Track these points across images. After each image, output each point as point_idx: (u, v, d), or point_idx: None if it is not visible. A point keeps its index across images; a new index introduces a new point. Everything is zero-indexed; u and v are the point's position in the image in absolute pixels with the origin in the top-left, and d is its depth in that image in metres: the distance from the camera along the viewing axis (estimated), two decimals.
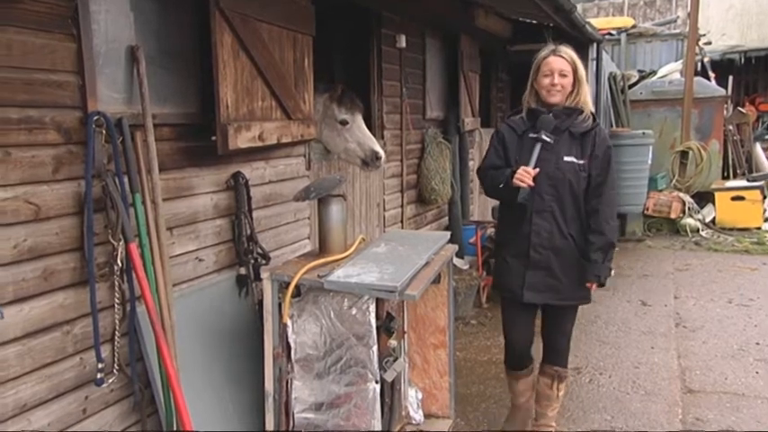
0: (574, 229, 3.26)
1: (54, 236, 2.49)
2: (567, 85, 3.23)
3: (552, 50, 3.25)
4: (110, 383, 2.69)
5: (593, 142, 3.21)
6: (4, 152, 2.28)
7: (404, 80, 5.77)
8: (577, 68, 3.23)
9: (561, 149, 3.21)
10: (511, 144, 3.33)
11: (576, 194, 3.23)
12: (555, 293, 3.34)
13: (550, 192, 3.21)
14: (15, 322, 2.33)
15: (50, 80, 2.45)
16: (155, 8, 3.08)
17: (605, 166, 3.25)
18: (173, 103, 3.19)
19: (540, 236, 3.25)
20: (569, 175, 3.20)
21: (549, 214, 3.23)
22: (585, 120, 3.23)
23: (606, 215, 3.23)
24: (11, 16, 2.25)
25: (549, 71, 3.22)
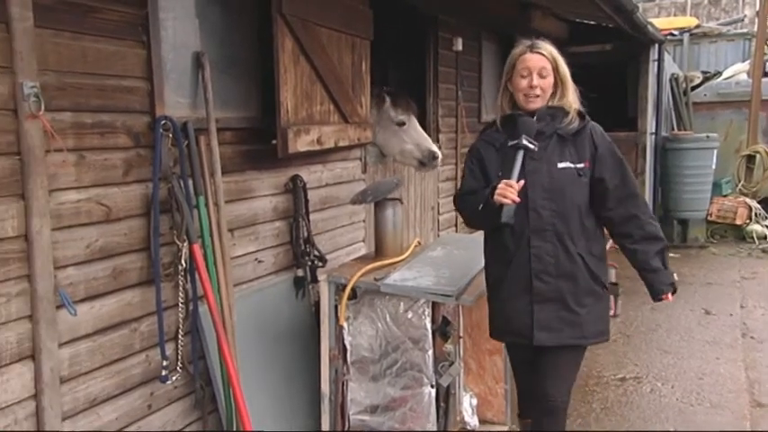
0: (582, 247, 2.63)
1: (123, 236, 2.58)
2: (547, 87, 2.63)
3: (528, 46, 2.66)
4: (173, 381, 2.77)
5: (590, 141, 2.64)
6: (78, 155, 2.37)
7: (459, 83, 5.75)
8: (558, 66, 2.64)
9: (553, 156, 2.61)
10: (490, 161, 2.70)
11: (580, 205, 2.62)
12: (574, 330, 2.63)
13: (549, 206, 2.59)
14: (87, 319, 2.42)
15: (121, 86, 2.54)
16: (219, 14, 3.16)
17: (617, 166, 2.67)
18: (235, 107, 3.26)
19: (544, 260, 2.59)
20: (568, 184, 2.60)
21: (551, 233, 2.59)
22: (573, 120, 2.66)
23: (647, 216, 2.71)
24: (86, 25, 2.34)
25: (526, 70, 2.61)
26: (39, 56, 2.17)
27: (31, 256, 2.19)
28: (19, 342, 2.17)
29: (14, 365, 2.16)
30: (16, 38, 2.08)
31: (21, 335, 2.18)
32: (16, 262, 2.16)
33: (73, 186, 2.36)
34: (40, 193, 2.20)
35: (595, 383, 4.53)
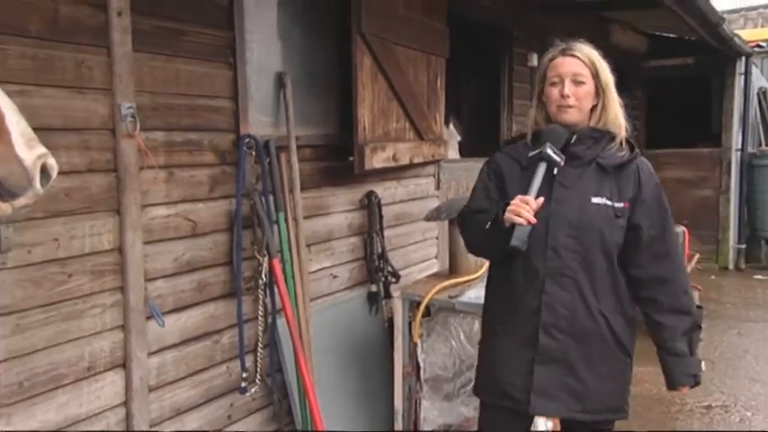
0: (608, 305, 2.12)
1: (208, 250, 2.67)
2: (584, 97, 2.13)
3: (562, 49, 2.19)
4: (252, 392, 2.83)
5: (635, 179, 2.14)
6: (168, 172, 2.48)
7: None
8: (599, 72, 2.14)
9: (588, 187, 2.11)
10: (511, 181, 2.20)
11: (610, 253, 2.11)
12: (577, 402, 2.13)
13: (573, 247, 2.08)
14: (173, 330, 2.52)
15: (209, 105, 2.64)
16: (301, 34, 3.24)
17: (660, 215, 2.16)
18: (314, 124, 3.33)
19: (557, 312, 2.09)
20: (600, 222, 2.09)
21: (571, 281, 2.08)
22: (620, 148, 2.16)
23: (683, 284, 2.18)
24: (179, 48, 2.46)
25: (558, 77, 2.13)
26: (136, 78, 2.28)
27: (125, 269, 2.30)
28: (112, 351, 2.28)
29: (108, 373, 2.26)
30: (116, 61, 2.20)
31: (114, 344, 2.28)
32: (111, 274, 2.27)
33: (163, 202, 2.47)
34: (133, 208, 2.31)
35: (678, 411, 4.33)
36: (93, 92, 2.16)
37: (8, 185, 1.34)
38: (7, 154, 1.33)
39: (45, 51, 2.00)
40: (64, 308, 2.11)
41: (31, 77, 1.97)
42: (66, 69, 2.07)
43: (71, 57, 2.08)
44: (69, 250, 2.12)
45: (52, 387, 2.07)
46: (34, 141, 1.38)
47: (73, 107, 2.10)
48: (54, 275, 2.08)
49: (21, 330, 1.98)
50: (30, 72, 1.96)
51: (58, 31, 2.04)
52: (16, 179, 1.34)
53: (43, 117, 2.01)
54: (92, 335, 2.21)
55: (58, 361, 2.09)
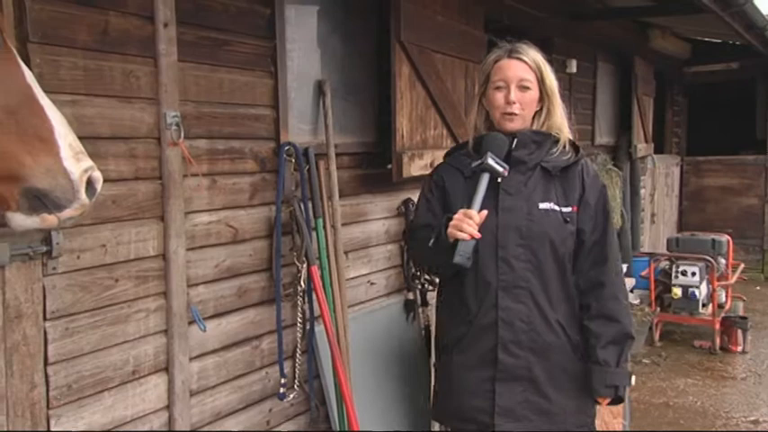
0: (563, 313, 2.03)
1: (248, 257, 2.70)
2: (528, 104, 2.02)
3: (508, 50, 2.06)
4: (290, 398, 2.85)
5: (580, 182, 2.05)
6: (210, 180, 2.52)
7: (573, 106, 5.62)
8: (545, 77, 2.05)
9: (535, 193, 2.01)
10: (455, 192, 2.10)
11: (562, 260, 2.02)
12: (545, 420, 2.04)
13: (524, 257, 1.98)
14: (214, 335, 2.55)
15: (250, 114, 2.68)
16: (340, 43, 3.27)
17: (601, 218, 2.06)
18: (352, 132, 3.35)
19: (515, 327, 1.98)
20: (550, 229, 1.99)
21: (526, 292, 1.99)
22: (564, 151, 2.07)
23: (615, 290, 2.06)
24: (223, 58, 2.50)
25: (503, 81, 2.02)
26: (180, 87, 2.33)
27: (168, 275, 2.34)
28: (155, 355, 2.32)
29: (151, 377, 2.30)
30: (162, 71, 2.25)
31: (157, 348, 2.32)
32: (155, 279, 2.31)
33: (205, 209, 2.51)
34: (177, 215, 2.35)
35: (723, 425, 4.21)
36: (140, 101, 2.21)
37: (54, 197, 1.38)
38: (55, 166, 1.37)
39: (95, 62, 2.06)
40: (110, 312, 2.16)
41: (82, 87, 2.02)
42: (115, 79, 2.12)
43: (119, 67, 2.13)
44: (116, 256, 2.17)
45: (99, 390, 2.12)
46: (82, 155, 1.41)
47: (121, 116, 2.15)
48: (101, 280, 2.13)
49: (70, 334, 2.02)
50: (81, 82, 2.02)
51: (108, 42, 2.09)
52: (62, 191, 1.38)
53: (93, 126, 2.06)
54: (136, 339, 2.25)
55: (104, 364, 2.14)
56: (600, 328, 2.02)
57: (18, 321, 1.87)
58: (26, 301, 1.90)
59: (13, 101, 1.35)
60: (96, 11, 2.05)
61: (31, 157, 1.34)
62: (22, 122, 1.35)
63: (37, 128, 1.36)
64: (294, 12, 2.92)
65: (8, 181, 1.35)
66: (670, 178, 8.53)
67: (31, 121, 1.36)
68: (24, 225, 1.40)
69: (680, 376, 5.12)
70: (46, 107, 1.39)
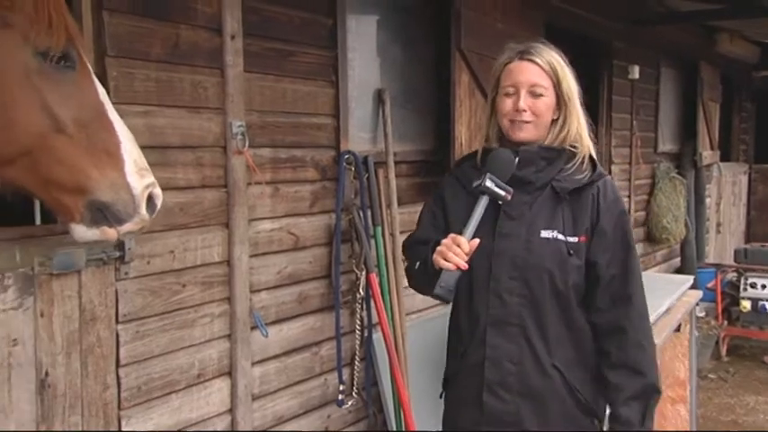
0: (562, 357, 1.76)
1: (308, 264, 2.74)
2: (543, 111, 1.76)
3: (519, 51, 1.80)
4: (349, 405, 2.86)
5: (594, 207, 1.76)
6: (273, 188, 2.56)
7: (635, 112, 5.49)
8: (561, 81, 1.78)
9: (537, 218, 1.75)
10: (455, 207, 1.85)
11: (564, 296, 1.75)
12: None
13: (518, 291, 1.74)
14: (275, 341, 2.59)
15: (312, 123, 2.71)
16: (400, 51, 3.29)
17: (620, 250, 1.78)
18: (411, 140, 3.36)
19: (502, 368, 1.75)
20: (548, 261, 1.73)
21: (518, 330, 1.74)
22: (580, 168, 1.77)
23: (640, 336, 1.76)
24: (286, 68, 2.55)
25: (513, 87, 1.77)
26: (246, 98, 2.38)
27: (232, 281, 2.39)
28: (219, 359, 2.37)
29: (215, 381, 2.35)
30: (228, 82, 2.31)
31: (221, 353, 2.37)
32: (219, 285, 2.36)
33: (268, 216, 2.55)
34: (241, 222, 2.40)
35: None
36: (208, 111, 2.27)
37: (115, 210, 1.42)
38: (119, 180, 1.41)
39: (166, 74, 2.13)
40: (178, 317, 2.22)
41: (154, 98, 2.09)
42: (185, 90, 2.19)
43: (189, 78, 2.20)
44: (183, 262, 2.23)
45: (167, 392, 2.18)
46: (145, 171, 1.46)
47: (190, 126, 2.21)
48: (170, 285, 2.19)
49: (140, 337, 2.09)
50: (153, 93, 2.09)
51: (178, 54, 2.16)
52: (124, 205, 1.42)
53: (164, 135, 2.13)
54: (201, 343, 2.30)
55: (171, 367, 2.19)
56: (621, 381, 1.74)
57: (93, 324, 1.95)
58: (100, 305, 1.97)
59: (85, 115, 1.41)
60: (168, 24, 2.12)
61: (98, 171, 1.40)
62: (92, 136, 1.40)
63: (105, 142, 1.41)
64: (355, 21, 2.96)
65: (75, 192, 1.40)
66: (737, 187, 8.22)
67: (101, 136, 1.41)
68: (85, 237, 1.45)
69: (749, 393, 4.91)
70: (115, 123, 1.44)
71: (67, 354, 1.88)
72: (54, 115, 1.37)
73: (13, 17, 1.33)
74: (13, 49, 1.33)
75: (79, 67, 1.42)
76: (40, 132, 1.36)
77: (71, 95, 1.39)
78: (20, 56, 1.34)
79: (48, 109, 1.36)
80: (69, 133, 1.38)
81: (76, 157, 1.38)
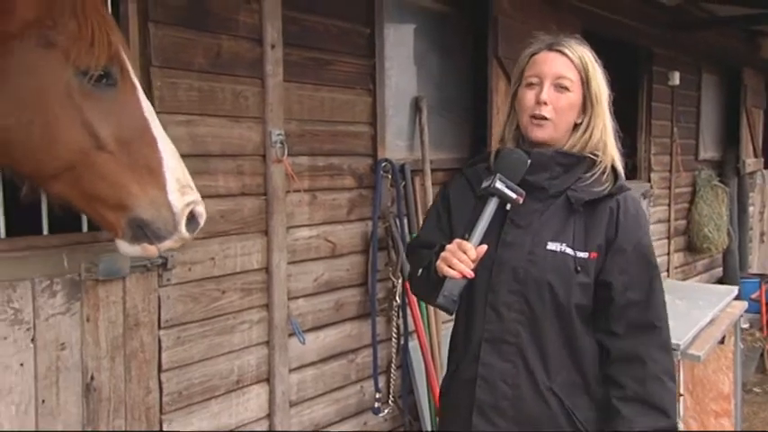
0: (561, 382, 1.58)
1: (345, 271, 2.75)
2: (566, 109, 1.58)
3: (549, 43, 1.61)
4: (385, 413, 2.85)
5: (612, 222, 1.58)
6: (311, 196, 2.58)
7: (675, 119, 5.38)
8: (590, 79, 1.60)
9: (545, 228, 1.58)
10: (460, 211, 1.69)
11: (567, 315, 1.57)
12: None
13: (517, 306, 1.57)
14: (312, 348, 2.60)
15: (349, 131, 2.73)
16: (437, 60, 3.29)
17: (643, 272, 1.59)
18: (447, 148, 3.35)
19: (496, 390, 1.58)
20: (551, 275, 1.56)
21: (514, 349, 1.58)
22: (600, 179, 1.59)
23: (659, 369, 1.55)
24: (325, 77, 2.57)
25: (537, 77, 1.59)
26: (285, 106, 2.41)
27: (270, 288, 2.41)
28: (258, 365, 2.39)
29: (253, 387, 2.38)
30: (268, 91, 2.34)
31: (259, 359, 2.40)
32: (258, 292, 2.39)
33: (306, 224, 2.57)
34: (280, 230, 2.42)
35: None
36: (248, 120, 2.31)
37: (155, 228, 1.43)
38: (160, 198, 1.42)
39: (208, 84, 2.17)
40: (217, 323, 2.24)
41: (197, 108, 2.13)
42: (226, 100, 2.23)
43: (230, 88, 2.24)
44: (223, 269, 2.26)
45: (207, 397, 2.21)
46: (188, 188, 1.46)
47: (230, 135, 2.25)
48: (210, 292, 2.22)
49: (181, 342, 2.12)
50: (195, 103, 2.13)
51: (220, 64, 2.20)
52: (164, 223, 1.43)
53: (205, 144, 2.17)
54: (240, 349, 2.33)
55: (211, 373, 2.22)
56: (636, 416, 1.53)
57: (136, 329, 1.99)
58: (143, 311, 2.01)
59: (128, 132, 1.42)
60: (211, 35, 2.16)
61: (139, 188, 1.41)
62: (134, 153, 1.41)
63: (148, 159, 1.42)
64: (393, 30, 2.97)
65: (117, 208, 1.42)
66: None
67: (143, 152, 1.42)
68: (127, 252, 1.48)
69: None
70: (159, 139, 1.44)
71: (112, 358, 1.92)
72: (95, 133, 1.38)
73: (56, 36, 1.35)
74: (56, 68, 1.35)
75: (122, 84, 1.42)
76: (82, 149, 1.38)
77: (113, 113, 1.40)
78: (62, 75, 1.35)
79: (89, 126, 1.38)
80: (111, 150, 1.39)
81: (118, 173, 1.40)
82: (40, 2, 1.35)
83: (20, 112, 1.36)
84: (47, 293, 1.78)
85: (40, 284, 1.77)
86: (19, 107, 1.36)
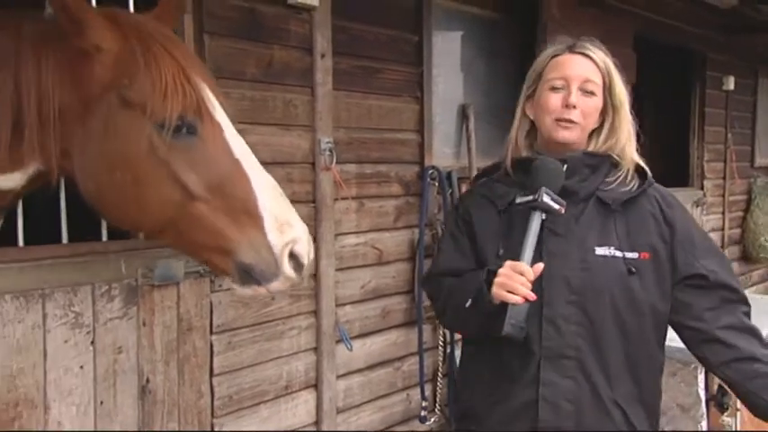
0: (623, 392, 1.53)
1: (391, 278, 2.75)
2: (592, 113, 1.56)
3: (569, 45, 1.59)
4: (431, 422, 2.84)
5: (659, 215, 1.56)
6: (359, 203, 2.60)
7: (729, 125, 5.24)
8: (613, 84, 1.57)
9: (589, 233, 1.53)
10: (484, 229, 1.62)
11: (626, 322, 1.52)
12: None
13: (575, 317, 1.51)
14: (359, 355, 2.61)
15: (396, 138, 2.74)
16: (483, 66, 3.28)
17: (712, 246, 1.61)
18: (493, 156, 3.25)
19: (560, 410, 1.50)
20: (610, 282, 1.51)
21: (575, 363, 1.51)
22: (625, 181, 1.57)
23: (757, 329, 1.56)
24: (373, 85, 2.59)
25: (563, 80, 1.55)
26: (333, 115, 2.43)
27: (318, 294, 2.43)
28: (306, 372, 2.41)
29: (302, 393, 2.40)
30: (318, 100, 2.37)
31: (307, 365, 2.42)
32: (306, 299, 2.41)
33: (353, 231, 2.58)
34: (328, 236, 2.44)
35: None
36: (298, 128, 2.34)
37: (259, 271, 1.37)
38: (259, 239, 1.36)
39: (260, 93, 2.20)
40: (267, 329, 2.27)
41: (248, 117, 2.17)
42: (276, 108, 2.26)
43: (281, 97, 2.27)
44: None
45: (256, 402, 2.24)
46: (287, 226, 1.38)
47: (280, 143, 2.28)
48: (260, 298, 2.25)
49: (232, 347, 2.16)
50: (247, 112, 2.16)
51: (271, 73, 2.23)
52: (266, 265, 1.37)
53: (256, 153, 2.16)
54: (289, 355, 2.35)
55: (260, 378, 2.25)
56: None
57: (189, 334, 2.03)
58: (196, 316, 2.05)
59: (218, 177, 1.36)
60: (263, 45, 2.20)
61: (238, 231, 1.36)
62: (228, 197, 1.37)
63: (242, 201, 1.36)
64: (440, 38, 2.97)
65: (223, 254, 1.39)
66: None
67: (237, 194, 1.37)
68: (242, 294, 1.49)
69: None
70: (252, 177, 1.39)
71: (166, 362, 1.97)
72: (185, 185, 1.35)
73: (132, 94, 1.33)
74: (137, 125, 1.33)
75: (205, 129, 1.37)
76: (175, 203, 1.36)
77: (199, 161, 1.36)
78: (143, 132, 1.33)
79: (178, 180, 1.34)
80: (204, 198, 1.35)
81: (215, 220, 1.36)
82: (117, 62, 1.35)
83: (110, 173, 1.35)
84: (105, 298, 1.84)
85: (99, 289, 1.83)
86: (108, 168, 1.35)
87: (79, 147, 1.38)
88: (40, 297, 1.72)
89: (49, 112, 1.35)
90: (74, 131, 1.37)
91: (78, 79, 1.36)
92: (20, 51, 1.34)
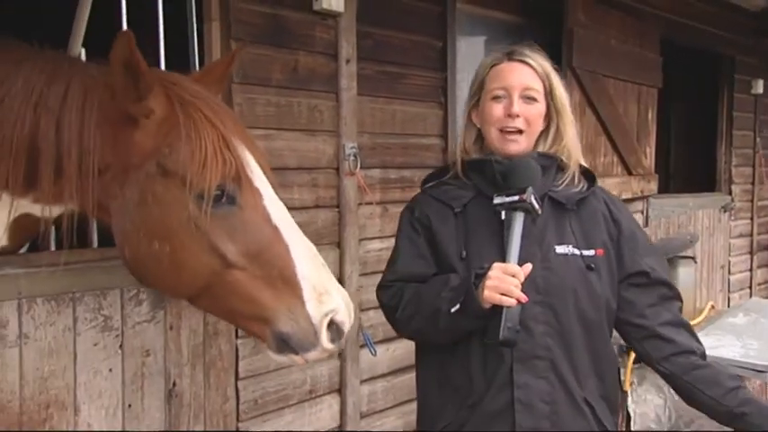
0: (590, 389, 1.54)
1: None
2: (535, 119, 1.55)
3: (507, 53, 1.60)
4: None
5: (607, 215, 1.60)
6: (382, 208, 2.60)
7: (758, 129, 5.15)
8: (554, 88, 1.58)
9: (546, 233, 1.54)
10: (443, 233, 1.59)
11: (588, 319, 1.53)
12: None
13: (543, 317, 1.50)
14: (383, 360, 2.61)
15: (420, 144, 2.74)
16: None
17: (651, 245, 1.67)
18: None
19: (535, 411, 1.49)
20: (572, 280, 1.52)
21: (547, 364, 1.50)
22: (573, 182, 1.59)
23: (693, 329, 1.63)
24: (398, 90, 2.60)
25: (504, 90, 1.55)
26: (358, 120, 2.44)
27: None
28: (330, 376, 2.41)
29: (325, 397, 2.40)
30: (343, 105, 2.38)
31: (331, 370, 2.42)
32: None
33: (377, 236, 2.59)
34: (352, 241, 2.45)
35: None
36: (323, 134, 2.35)
37: (296, 340, 1.35)
38: (297, 309, 1.34)
39: (285, 98, 2.22)
40: None
41: (274, 122, 2.18)
42: (302, 114, 2.27)
43: (306, 102, 2.28)
44: None
45: (281, 406, 2.25)
46: (326, 296, 1.36)
47: (306, 148, 2.29)
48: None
49: (256, 352, 2.17)
50: (273, 117, 2.18)
51: (296, 79, 2.25)
52: (304, 334, 1.35)
53: (282, 158, 2.22)
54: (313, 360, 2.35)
55: (285, 382, 2.26)
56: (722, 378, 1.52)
57: (215, 338, 2.04)
58: (222, 320, 2.06)
59: (257, 246, 1.35)
60: (288, 51, 2.22)
61: (276, 300, 1.35)
62: (266, 265, 1.35)
63: (281, 270, 1.35)
64: (464, 43, 2.97)
65: (260, 322, 1.38)
66: None
67: (275, 263, 1.35)
68: (278, 361, 1.48)
69: None
70: (291, 245, 1.37)
71: (192, 366, 1.99)
72: (223, 254, 1.34)
73: (172, 164, 1.33)
74: (176, 195, 1.33)
75: (244, 197, 1.36)
76: (212, 272, 1.35)
77: (238, 229, 1.35)
78: (182, 201, 1.32)
79: (216, 249, 1.34)
80: (242, 266, 1.35)
81: (253, 288, 1.35)
82: (158, 131, 1.35)
83: (147, 242, 1.35)
84: (134, 302, 1.86)
85: (128, 293, 1.85)
86: (146, 237, 1.35)
87: (117, 209, 1.39)
88: (71, 301, 1.74)
89: (88, 168, 1.36)
90: (112, 190, 1.38)
91: (121, 143, 1.36)
92: (66, 96, 1.34)
